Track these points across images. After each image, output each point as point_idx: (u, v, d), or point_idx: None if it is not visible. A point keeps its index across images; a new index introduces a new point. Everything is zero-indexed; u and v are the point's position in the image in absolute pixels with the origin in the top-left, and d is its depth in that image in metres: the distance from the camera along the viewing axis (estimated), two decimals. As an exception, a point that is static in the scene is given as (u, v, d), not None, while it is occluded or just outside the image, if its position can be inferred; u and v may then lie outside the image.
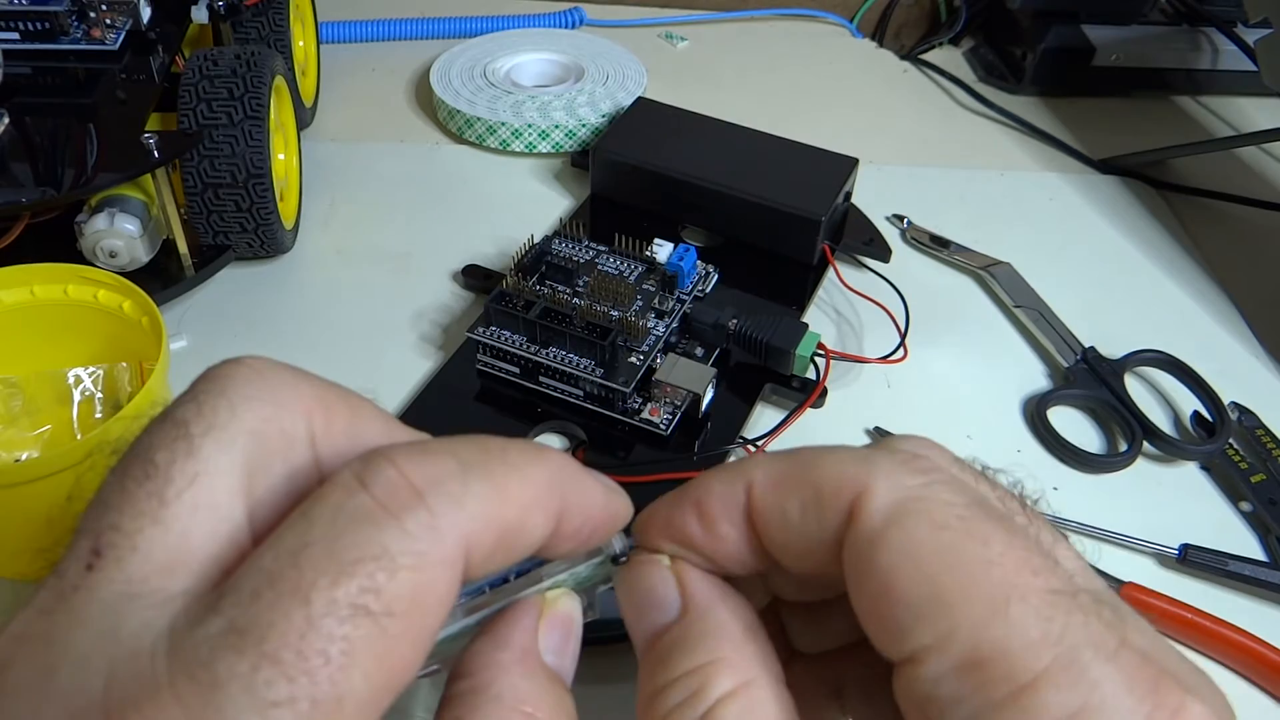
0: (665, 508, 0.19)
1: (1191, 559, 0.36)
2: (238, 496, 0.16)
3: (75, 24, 0.46)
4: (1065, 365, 0.43)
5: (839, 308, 0.46)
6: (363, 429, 0.17)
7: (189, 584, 0.15)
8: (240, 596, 0.14)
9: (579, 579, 0.19)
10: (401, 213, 0.51)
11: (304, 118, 0.53)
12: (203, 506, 0.15)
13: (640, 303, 0.40)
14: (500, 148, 0.55)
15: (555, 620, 0.18)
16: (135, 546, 0.15)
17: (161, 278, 0.42)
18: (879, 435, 0.40)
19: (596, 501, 0.18)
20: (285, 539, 0.15)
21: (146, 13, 0.46)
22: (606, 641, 0.25)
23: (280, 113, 0.46)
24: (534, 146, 0.54)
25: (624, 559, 0.19)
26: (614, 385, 0.37)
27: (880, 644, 0.16)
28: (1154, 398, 0.43)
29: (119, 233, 0.40)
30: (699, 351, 0.41)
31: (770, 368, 0.40)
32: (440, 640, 0.17)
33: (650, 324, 0.40)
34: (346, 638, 0.14)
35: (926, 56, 0.68)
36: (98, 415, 0.37)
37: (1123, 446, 0.40)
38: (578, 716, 0.18)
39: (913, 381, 0.43)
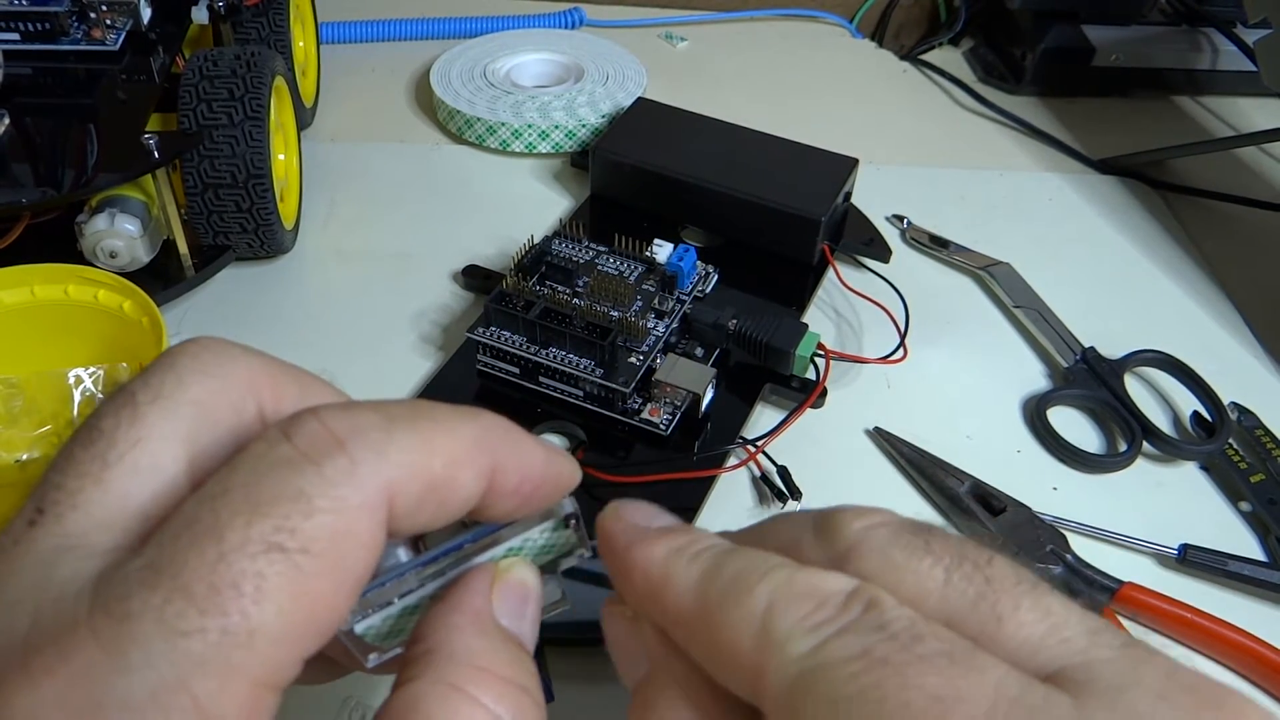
0: (607, 538, 0.19)
1: (1191, 559, 0.36)
2: (180, 461, 0.16)
3: (76, 24, 0.46)
4: (1065, 365, 0.43)
5: (839, 308, 0.46)
6: (312, 402, 0.17)
7: (125, 540, 0.15)
8: (161, 539, 0.15)
9: (537, 547, 0.19)
10: (401, 213, 0.51)
11: (304, 118, 0.53)
12: (144, 469, 0.16)
13: (640, 303, 0.40)
14: (500, 148, 0.55)
15: (509, 585, 0.18)
16: (75, 505, 0.15)
17: (162, 278, 0.42)
18: (879, 436, 0.40)
19: (534, 461, 0.18)
20: (209, 487, 0.15)
21: (147, 13, 0.47)
22: (597, 642, 0.25)
23: (280, 113, 0.46)
24: (534, 147, 0.54)
25: (574, 521, 0.19)
26: (614, 385, 0.37)
27: None
28: (1153, 398, 0.43)
29: (119, 233, 0.40)
30: (699, 352, 0.41)
31: (770, 368, 0.40)
32: (400, 614, 0.18)
33: (650, 324, 0.40)
34: (260, 573, 0.14)
35: (926, 56, 0.68)
36: (98, 415, 0.37)
37: (1122, 446, 0.40)
38: (560, 703, 0.18)
39: (912, 382, 0.43)
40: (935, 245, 0.50)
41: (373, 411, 0.16)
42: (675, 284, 0.41)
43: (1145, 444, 0.40)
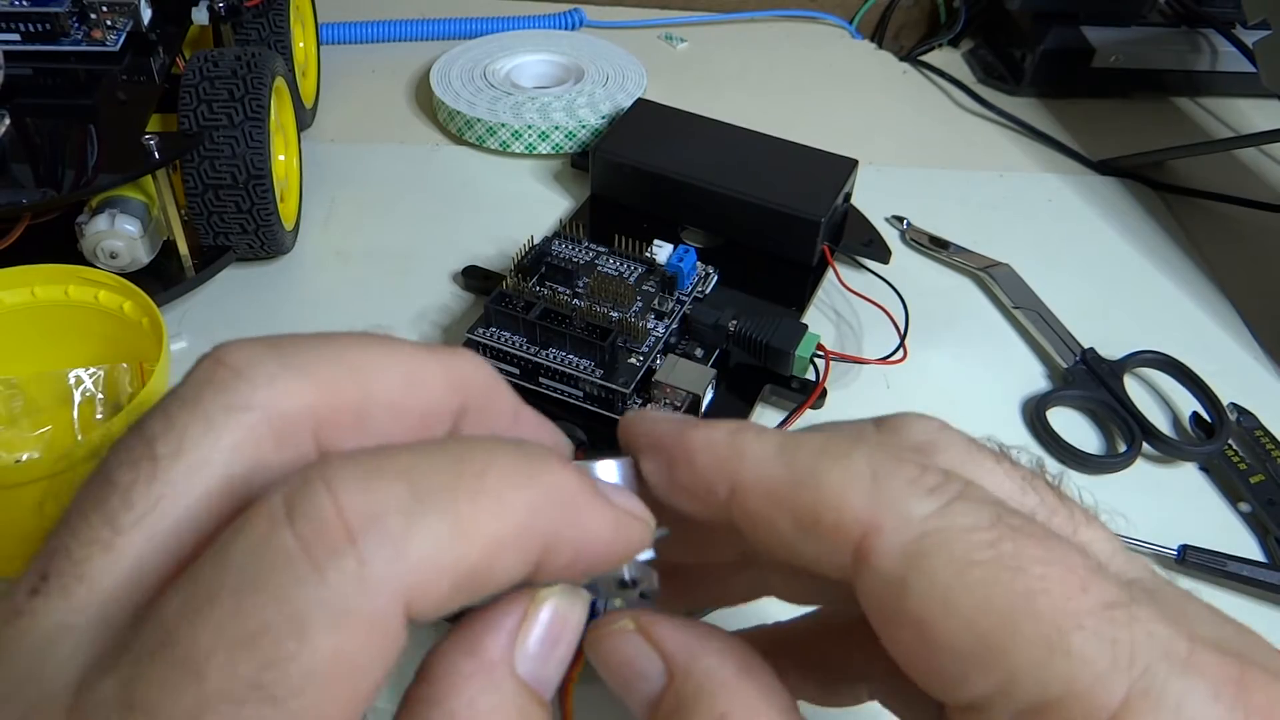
0: (647, 440, 0.17)
1: (1190, 560, 0.36)
2: (208, 520, 0.14)
3: (76, 25, 0.46)
4: (1064, 366, 0.43)
5: (838, 309, 0.46)
6: (371, 415, 0.15)
7: (135, 616, 0.13)
8: (138, 653, 0.12)
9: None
10: (401, 214, 0.51)
11: (304, 119, 0.54)
12: (162, 535, 0.14)
13: (640, 304, 0.40)
14: (500, 149, 0.55)
15: (541, 622, 0.16)
16: (82, 576, 0.13)
17: (162, 278, 0.42)
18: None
19: (599, 536, 0.15)
20: (193, 584, 0.13)
21: (147, 14, 0.47)
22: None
23: (280, 114, 0.46)
24: (534, 148, 0.54)
25: (635, 586, 0.17)
26: (614, 386, 0.37)
27: (930, 690, 0.15)
28: (1153, 398, 0.44)
29: (120, 234, 0.40)
30: (699, 352, 0.41)
31: (770, 369, 0.40)
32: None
33: (650, 325, 0.40)
34: None
35: (926, 58, 0.69)
36: (98, 416, 0.37)
37: (1122, 447, 0.40)
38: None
39: (912, 382, 0.43)
40: (935, 246, 0.50)
41: (402, 480, 0.13)
42: (675, 285, 0.41)
43: (1145, 445, 0.40)
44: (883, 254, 0.47)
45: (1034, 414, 0.41)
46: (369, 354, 0.16)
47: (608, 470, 0.18)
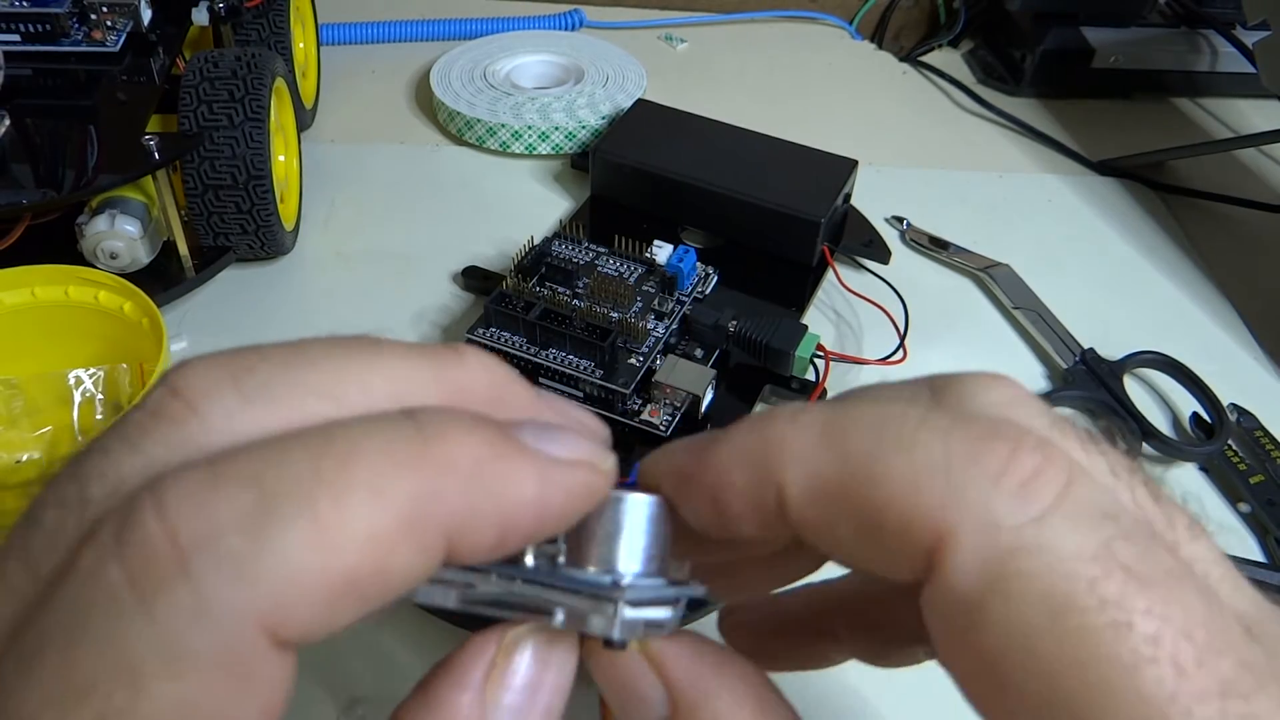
0: (673, 481, 0.15)
1: (1190, 560, 0.36)
2: None
3: (76, 26, 0.46)
4: (1064, 366, 0.43)
5: (838, 309, 0.46)
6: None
7: None
8: None
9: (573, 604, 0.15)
10: (401, 214, 0.51)
11: (304, 119, 0.54)
12: None
13: (640, 304, 0.40)
14: (500, 149, 0.55)
15: (511, 675, 0.14)
16: None
17: (162, 279, 0.42)
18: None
19: (523, 498, 0.13)
20: (24, 636, 0.11)
21: (147, 15, 0.47)
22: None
23: (281, 114, 0.46)
24: (534, 148, 0.54)
25: (619, 645, 0.14)
26: (614, 386, 0.37)
27: (985, 714, 0.13)
28: (1153, 399, 0.44)
29: (120, 234, 0.40)
30: (699, 353, 0.41)
31: (770, 369, 0.40)
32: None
33: (650, 325, 0.40)
34: None
35: (926, 58, 0.69)
36: (98, 416, 0.37)
37: (1121, 448, 0.40)
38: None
39: (912, 383, 0.43)
40: (935, 247, 0.50)
41: (245, 490, 0.11)
42: (675, 285, 0.41)
43: (1144, 445, 0.40)
44: (882, 254, 0.47)
45: (1034, 414, 0.41)
46: (348, 367, 0.14)
47: (637, 509, 0.15)
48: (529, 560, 0.14)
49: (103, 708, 0.10)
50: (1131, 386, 0.43)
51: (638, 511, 0.15)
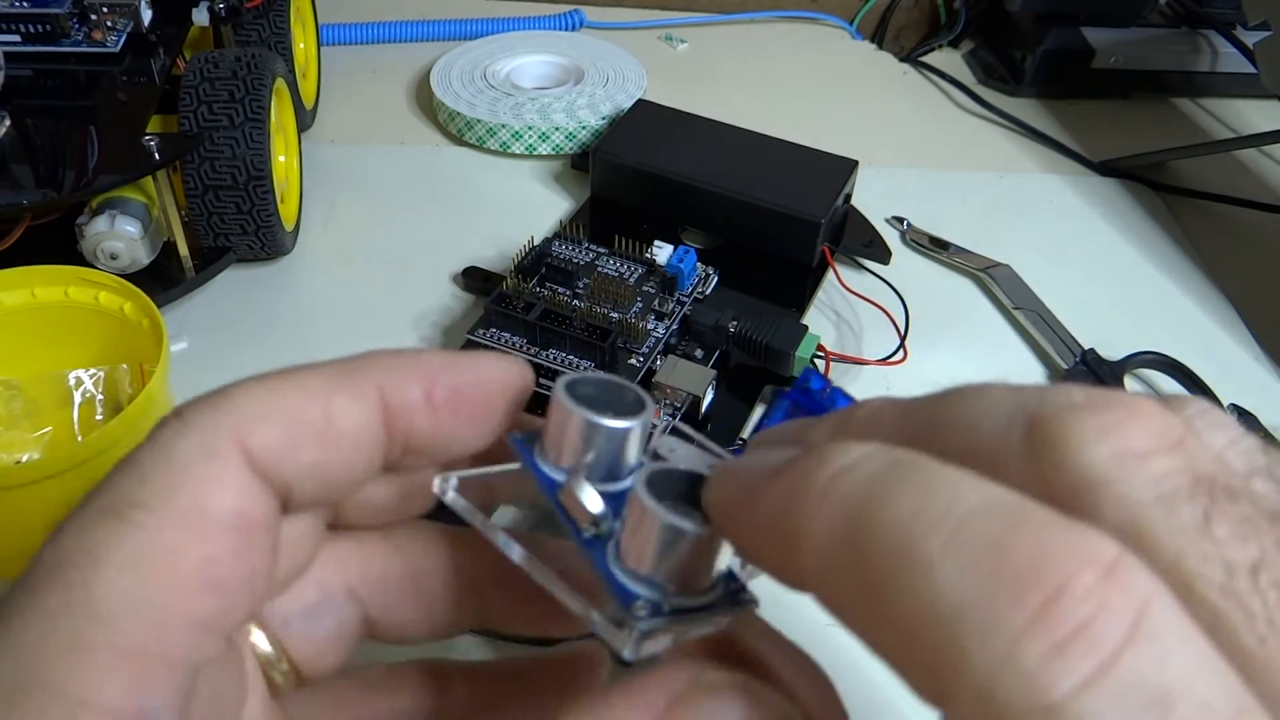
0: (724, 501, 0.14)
1: (1191, 561, 0.36)
2: None
3: (76, 26, 0.46)
4: (1065, 367, 0.43)
5: (838, 309, 0.46)
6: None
7: None
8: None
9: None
10: (402, 214, 0.51)
11: (304, 120, 0.54)
12: None
13: (640, 305, 0.40)
14: (500, 150, 0.55)
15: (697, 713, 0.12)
16: None
17: (162, 279, 0.42)
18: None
19: (438, 364, 0.17)
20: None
21: (147, 15, 0.47)
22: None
23: (281, 115, 0.46)
24: (534, 148, 0.54)
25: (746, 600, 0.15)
26: (614, 387, 0.37)
27: None
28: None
29: (120, 235, 0.40)
30: (699, 353, 0.41)
31: (770, 369, 0.40)
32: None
33: (650, 326, 0.40)
34: (94, 540, 0.14)
35: (926, 59, 0.69)
36: (98, 417, 0.37)
37: None
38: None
39: (912, 383, 0.43)
40: (935, 247, 0.50)
41: (226, 384, 0.16)
42: (675, 285, 0.41)
43: (1145, 446, 0.40)
44: (883, 255, 0.47)
45: (1034, 415, 0.41)
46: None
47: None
48: (585, 526, 0.16)
49: (115, 489, 0.14)
50: (1132, 387, 0.43)
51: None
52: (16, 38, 0.45)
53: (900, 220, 0.52)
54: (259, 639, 0.17)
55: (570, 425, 0.16)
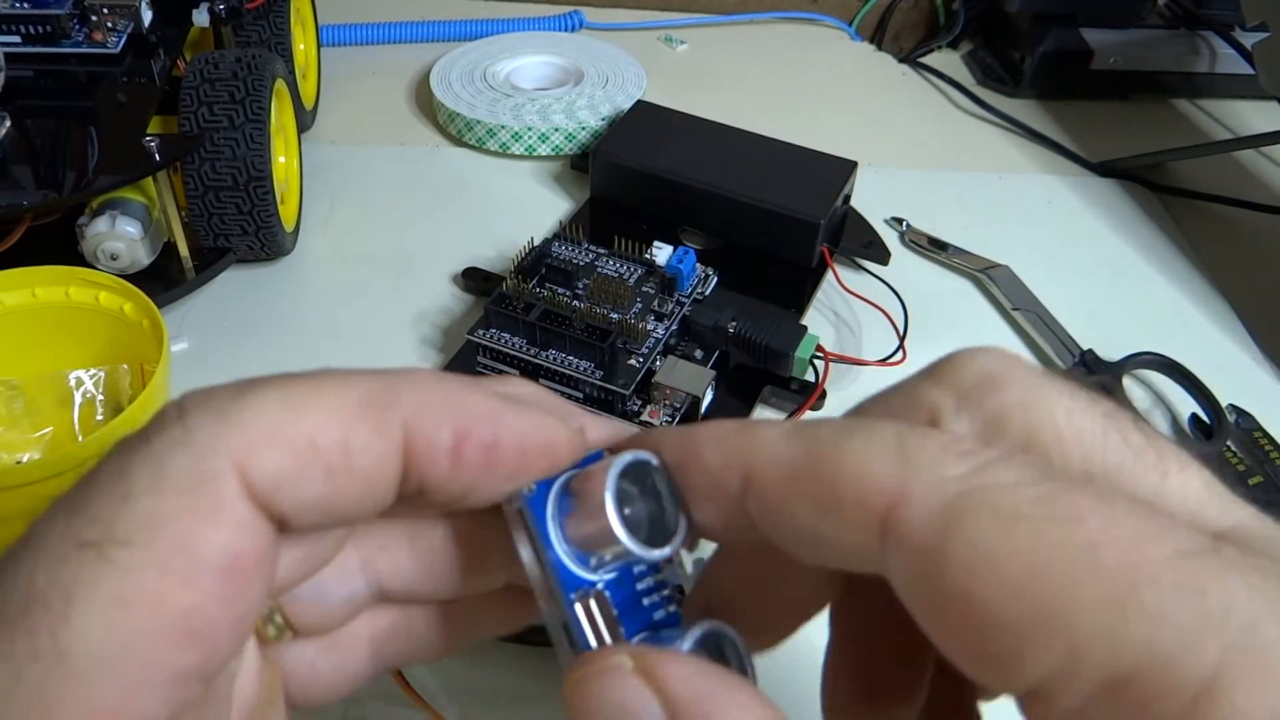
0: (655, 448, 0.16)
1: (1189, 561, 0.36)
2: None
3: (77, 27, 0.46)
4: (1064, 368, 0.44)
5: (838, 310, 0.46)
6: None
7: None
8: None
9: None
10: (401, 215, 0.51)
11: (304, 120, 0.54)
12: None
13: (640, 305, 0.40)
14: (500, 150, 0.55)
15: None
16: None
17: (162, 280, 0.42)
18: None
19: (477, 411, 0.15)
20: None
21: (148, 16, 0.47)
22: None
23: (281, 115, 0.46)
24: (534, 149, 0.54)
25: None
26: (614, 387, 0.37)
27: (985, 680, 0.13)
28: (1152, 400, 0.44)
29: (120, 235, 0.40)
30: (698, 354, 0.41)
31: (769, 370, 0.40)
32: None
33: (650, 326, 0.40)
34: (71, 579, 0.12)
35: (925, 60, 0.69)
36: (99, 417, 0.37)
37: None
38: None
39: (911, 384, 0.43)
40: (934, 248, 0.50)
41: (241, 381, 0.14)
42: (675, 286, 0.41)
43: (1143, 446, 0.40)
44: (882, 255, 0.47)
45: (1033, 415, 0.41)
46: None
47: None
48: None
49: (97, 512, 0.13)
50: (1130, 388, 0.43)
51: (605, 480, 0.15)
52: (17, 39, 0.45)
53: (899, 221, 0.52)
54: None
55: (611, 548, 0.15)
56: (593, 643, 0.15)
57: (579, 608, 0.15)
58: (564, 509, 0.15)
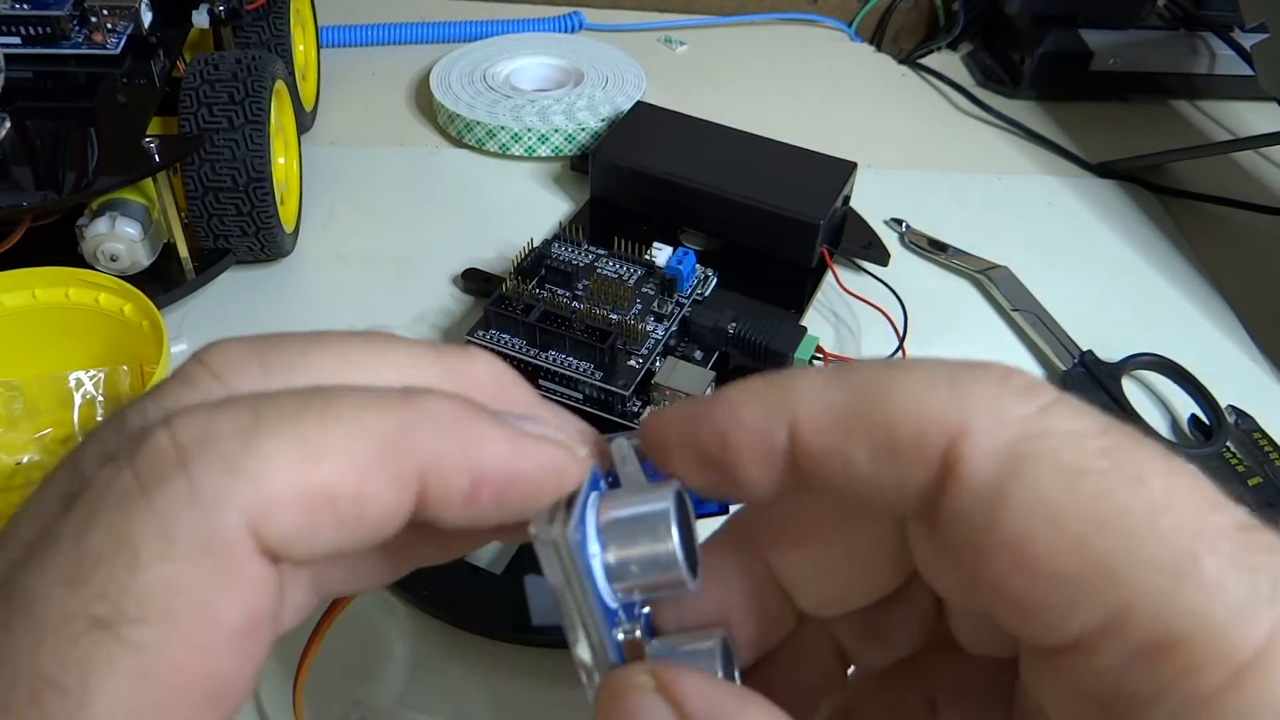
0: (680, 425, 0.15)
1: (1188, 561, 0.36)
2: None
3: (77, 28, 0.46)
4: (1063, 369, 0.44)
5: (837, 311, 0.46)
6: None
7: None
8: None
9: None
10: (401, 216, 0.51)
11: (304, 121, 0.54)
12: None
13: (639, 306, 0.40)
14: (500, 151, 0.55)
15: None
16: None
17: (162, 281, 0.43)
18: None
19: (497, 454, 0.14)
20: (44, 535, 0.12)
21: (148, 17, 0.47)
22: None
23: (281, 116, 0.46)
24: (533, 150, 0.54)
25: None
26: (613, 388, 0.37)
27: (1025, 630, 0.13)
28: (1151, 401, 0.44)
29: (120, 236, 0.40)
30: (698, 355, 0.41)
31: (769, 371, 0.40)
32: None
33: (649, 327, 0.40)
34: (83, 660, 0.11)
35: (925, 61, 0.69)
36: (99, 418, 0.37)
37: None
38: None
39: (911, 385, 0.43)
40: (934, 249, 0.50)
41: (244, 410, 0.13)
42: (674, 287, 0.41)
43: (1143, 447, 0.40)
44: (881, 256, 0.47)
45: (1032, 416, 0.41)
46: (363, 355, 0.15)
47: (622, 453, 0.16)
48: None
49: (104, 584, 0.12)
50: (1130, 389, 0.43)
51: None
52: (17, 40, 0.45)
53: (899, 222, 0.52)
54: None
55: (670, 590, 0.15)
56: (621, 659, 0.15)
57: (620, 634, 0.15)
58: (605, 542, 0.15)
